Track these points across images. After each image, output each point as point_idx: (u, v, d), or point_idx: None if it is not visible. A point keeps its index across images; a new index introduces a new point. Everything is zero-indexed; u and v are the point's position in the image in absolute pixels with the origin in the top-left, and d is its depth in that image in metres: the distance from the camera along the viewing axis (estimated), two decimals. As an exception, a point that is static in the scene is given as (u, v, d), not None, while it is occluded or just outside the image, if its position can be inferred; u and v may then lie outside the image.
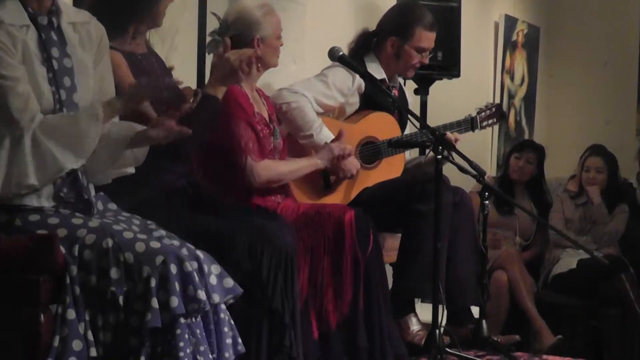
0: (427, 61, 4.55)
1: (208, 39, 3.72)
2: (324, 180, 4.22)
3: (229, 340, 2.85)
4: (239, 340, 2.89)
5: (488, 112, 4.64)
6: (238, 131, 3.67)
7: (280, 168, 3.85)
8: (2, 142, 2.74)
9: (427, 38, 4.46)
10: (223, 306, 2.85)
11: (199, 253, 2.82)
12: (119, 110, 2.90)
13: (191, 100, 2.95)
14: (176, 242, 2.84)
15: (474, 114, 4.59)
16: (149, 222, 2.94)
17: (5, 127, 2.75)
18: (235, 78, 3.33)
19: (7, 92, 2.72)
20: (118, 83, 3.15)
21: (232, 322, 2.88)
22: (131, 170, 3.05)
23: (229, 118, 3.61)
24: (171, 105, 2.91)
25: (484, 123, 4.63)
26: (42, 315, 2.69)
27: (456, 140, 4.33)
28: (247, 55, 3.33)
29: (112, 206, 3.01)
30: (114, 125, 2.94)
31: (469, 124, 4.57)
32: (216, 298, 2.81)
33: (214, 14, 3.70)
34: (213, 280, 2.82)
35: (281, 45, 3.80)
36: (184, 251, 2.80)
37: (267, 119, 3.88)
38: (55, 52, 2.86)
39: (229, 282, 2.88)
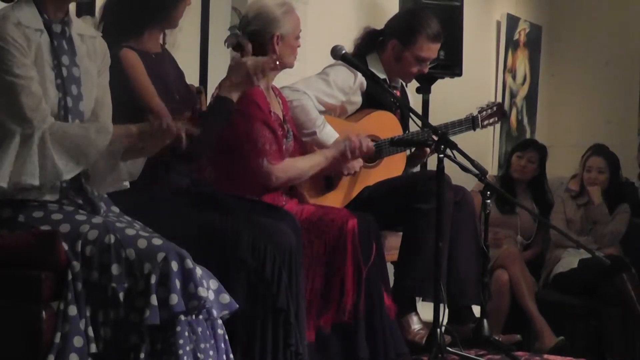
0: (426, 71, 4.54)
1: (217, 32, 3.72)
2: (326, 178, 4.22)
3: (224, 357, 2.85)
4: (231, 356, 2.90)
5: (489, 111, 4.64)
6: (254, 132, 3.66)
7: (299, 166, 3.83)
8: (13, 139, 2.76)
9: (428, 48, 4.44)
10: (220, 321, 2.86)
11: (198, 269, 2.81)
12: (134, 137, 2.87)
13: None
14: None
15: (475, 113, 4.59)
16: (149, 229, 2.93)
17: (16, 124, 2.76)
18: (250, 84, 3.34)
19: (21, 90, 2.75)
20: (133, 81, 3.18)
21: (227, 337, 2.89)
22: (126, 184, 3.05)
23: (245, 117, 3.59)
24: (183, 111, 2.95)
25: (485, 122, 4.63)
26: (43, 312, 2.69)
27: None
28: (264, 62, 3.34)
29: (115, 209, 3.01)
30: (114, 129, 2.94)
31: (470, 123, 4.57)
32: (214, 313, 2.83)
33: (235, 9, 3.71)
34: (211, 295, 2.83)
35: (299, 46, 3.79)
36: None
37: (282, 119, 3.87)
38: (65, 60, 2.88)
39: (225, 297, 2.89)
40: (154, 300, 2.68)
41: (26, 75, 2.75)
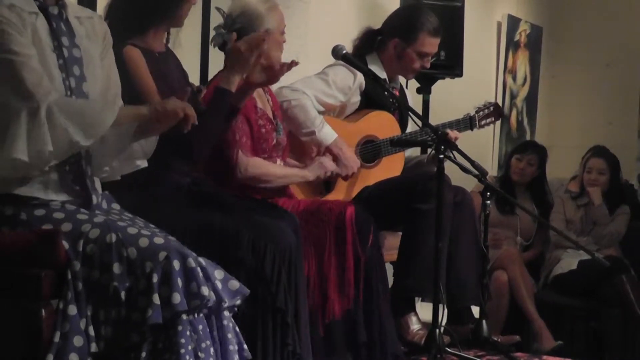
0: (428, 65, 4.55)
1: (212, 33, 3.72)
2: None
3: (232, 347, 2.84)
4: (244, 346, 2.88)
5: (486, 110, 4.65)
6: (233, 124, 3.66)
7: (269, 169, 3.82)
8: (20, 115, 2.74)
9: (430, 44, 4.45)
10: (227, 313, 2.85)
11: (202, 260, 2.81)
12: (143, 118, 2.87)
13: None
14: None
15: (472, 112, 4.60)
16: (152, 225, 2.93)
17: (20, 101, 2.74)
18: (246, 66, 3.30)
19: (21, 67, 2.73)
20: (135, 78, 3.17)
21: (237, 328, 2.88)
22: (142, 163, 3.04)
23: None
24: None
25: (483, 122, 4.64)
26: (43, 311, 2.69)
27: (456, 138, 4.33)
28: (255, 39, 3.31)
29: (116, 206, 3.01)
30: (122, 110, 2.92)
31: (468, 123, 4.58)
32: (225, 302, 2.81)
33: (219, 9, 3.71)
34: (218, 285, 2.82)
35: (284, 41, 3.80)
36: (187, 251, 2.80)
37: (271, 114, 3.87)
38: (65, 41, 2.87)
39: (234, 284, 2.87)
40: (156, 299, 2.67)
41: (24, 53, 2.74)
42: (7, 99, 2.75)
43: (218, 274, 2.85)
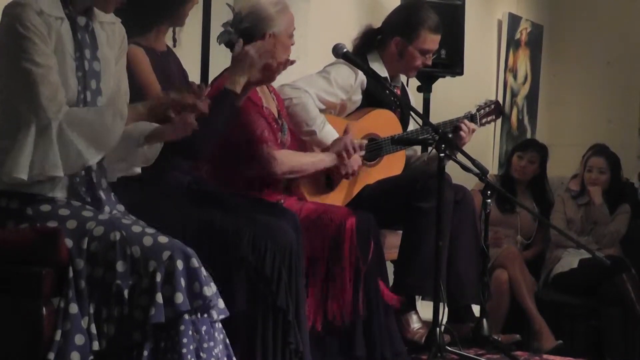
0: (430, 62, 4.55)
1: (216, 30, 3.72)
2: (326, 177, 4.22)
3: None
4: (233, 359, 2.89)
5: (487, 109, 4.64)
6: (252, 121, 3.64)
7: (301, 159, 3.82)
8: (29, 129, 2.75)
9: (431, 40, 4.45)
10: (219, 325, 2.86)
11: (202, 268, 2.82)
12: (143, 115, 2.91)
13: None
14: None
15: (473, 111, 4.60)
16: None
17: (32, 114, 2.76)
18: (254, 71, 3.33)
19: (39, 79, 2.74)
20: (139, 77, 3.19)
21: (227, 340, 2.89)
22: (138, 170, 3.06)
23: (240, 111, 3.59)
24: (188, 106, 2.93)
25: (484, 120, 4.64)
26: (44, 309, 2.69)
27: (473, 130, 4.34)
28: (265, 48, 3.34)
29: (120, 208, 3.01)
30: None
31: (469, 121, 4.57)
32: (213, 314, 2.83)
33: (229, 5, 3.70)
34: None
35: (292, 44, 3.79)
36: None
37: (276, 114, 3.86)
38: (87, 53, 2.89)
39: (221, 303, 2.88)
40: (159, 298, 2.68)
41: (46, 64, 2.75)
42: (20, 107, 2.76)
43: (212, 287, 2.85)
